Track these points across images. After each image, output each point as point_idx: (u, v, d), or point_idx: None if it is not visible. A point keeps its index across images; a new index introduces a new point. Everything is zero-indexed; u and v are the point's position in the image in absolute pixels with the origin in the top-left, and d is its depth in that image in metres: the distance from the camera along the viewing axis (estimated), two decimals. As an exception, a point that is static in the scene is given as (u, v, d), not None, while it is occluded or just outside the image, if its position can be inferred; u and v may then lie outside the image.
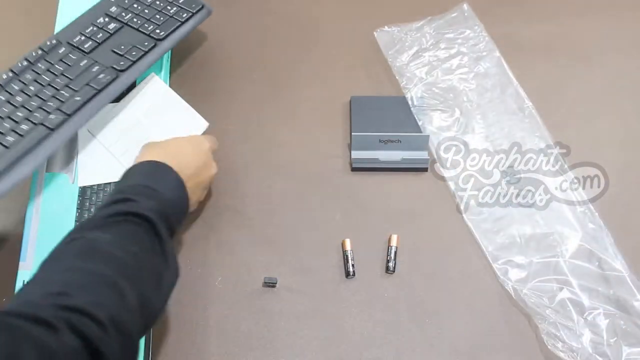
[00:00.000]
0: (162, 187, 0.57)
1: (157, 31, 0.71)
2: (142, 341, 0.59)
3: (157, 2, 0.73)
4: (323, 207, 0.68)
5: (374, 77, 0.75)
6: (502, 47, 0.75)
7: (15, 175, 0.60)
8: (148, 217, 0.52)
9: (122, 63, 0.68)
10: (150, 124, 0.68)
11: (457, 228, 0.66)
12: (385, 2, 0.80)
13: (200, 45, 0.78)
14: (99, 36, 0.70)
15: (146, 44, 0.70)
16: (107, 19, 0.71)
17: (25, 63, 0.67)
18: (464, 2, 0.77)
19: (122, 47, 0.69)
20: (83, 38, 0.70)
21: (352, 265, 0.64)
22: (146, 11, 0.72)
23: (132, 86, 0.70)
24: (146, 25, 0.71)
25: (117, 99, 0.69)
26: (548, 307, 0.61)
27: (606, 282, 0.62)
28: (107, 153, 0.68)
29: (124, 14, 0.72)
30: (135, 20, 0.72)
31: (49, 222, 0.64)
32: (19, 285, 0.61)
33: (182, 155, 0.61)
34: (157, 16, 0.72)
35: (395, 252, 0.64)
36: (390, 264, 0.64)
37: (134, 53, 0.69)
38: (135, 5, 0.73)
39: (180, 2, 0.73)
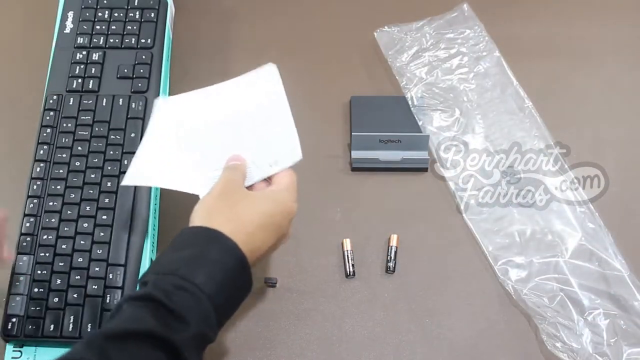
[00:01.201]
0: (215, 283, 0.43)
1: (142, 40, 0.70)
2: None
3: (116, 14, 0.71)
4: (323, 207, 0.68)
5: (374, 77, 0.75)
6: (502, 47, 0.75)
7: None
8: (181, 350, 0.40)
9: (140, 85, 0.67)
10: (241, 127, 0.55)
11: (457, 228, 0.66)
12: (385, 2, 0.80)
13: (200, 45, 0.78)
14: (92, 71, 0.68)
15: (144, 57, 0.69)
16: (84, 52, 0.70)
17: (48, 130, 0.65)
18: (464, 2, 0.77)
19: (125, 70, 0.68)
20: (79, 80, 0.68)
21: (352, 265, 0.64)
22: (113, 27, 0.71)
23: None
24: (126, 40, 0.70)
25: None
26: (548, 307, 0.61)
27: (606, 282, 0.62)
28: (174, 145, 0.53)
29: (95, 39, 0.70)
30: (111, 40, 0.70)
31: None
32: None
33: (262, 233, 0.47)
34: (129, 27, 0.71)
35: (395, 252, 0.64)
36: (390, 264, 0.64)
37: (141, 71, 0.68)
38: (98, 27, 0.71)
39: (136, 3, 0.72)
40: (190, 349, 0.41)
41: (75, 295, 0.58)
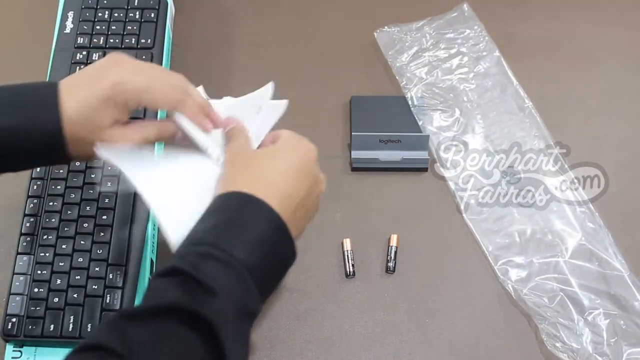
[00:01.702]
0: (246, 246, 0.39)
1: (142, 40, 0.70)
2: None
3: (116, 14, 0.72)
4: (323, 207, 0.67)
5: (374, 77, 0.75)
6: (502, 47, 0.75)
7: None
8: (212, 322, 0.36)
9: None
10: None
11: (457, 228, 0.66)
12: (385, 2, 0.80)
13: (200, 45, 0.78)
14: None
15: (144, 57, 0.69)
16: (84, 52, 0.69)
17: None
18: (464, 2, 0.77)
19: None
20: None
21: (352, 265, 0.64)
22: (113, 27, 0.71)
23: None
24: (127, 40, 0.70)
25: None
26: (548, 307, 0.61)
27: (606, 282, 0.62)
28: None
29: (95, 39, 0.70)
30: (111, 40, 0.70)
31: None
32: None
33: (290, 181, 0.43)
34: (129, 27, 0.71)
35: (395, 252, 0.64)
36: (390, 264, 0.64)
37: None
38: (98, 27, 0.71)
39: (136, 3, 0.72)
40: (224, 323, 0.36)
41: (75, 295, 0.58)
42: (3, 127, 0.44)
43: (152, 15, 0.72)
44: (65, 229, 0.61)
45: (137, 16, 0.72)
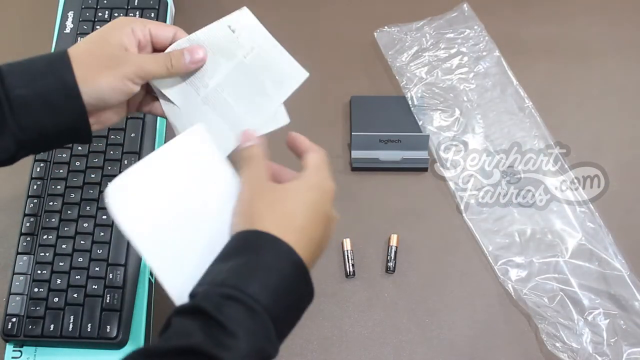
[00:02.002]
0: (270, 292, 0.39)
1: None
2: (142, 335, 0.59)
3: (116, 14, 0.71)
4: (323, 207, 0.68)
5: (374, 77, 0.75)
6: (502, 47, 0.75)
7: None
8: None
9: None
10: (235, 88, 0.51)
11: (457, 228, 0.66)
12: (385, 2, 0.80)
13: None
14: None
15: None
16: None
17: None
18: (464, 2, 0.77)
19: None
20: None
21: (352, 265, 0.64)
22: None
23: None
24: None
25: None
26: (548, 307, 0.61)
27: (606, 282, 0.62)
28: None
29: None
30: None
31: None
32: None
33: (310, 225, 0.42)
34: None
35: (395, 252, 0.64)
36: (390, 264, 0.64)
37: None
38: (98, 27, 0.69)
39: (136, 3, 0.72)
40: None
41: (75, 295, 0.58)
42: (12, 84, 0.44)
43: (152, 15, 0.72)
44: (65, 229, 0.61)
45: (137, 16, 0.72)
